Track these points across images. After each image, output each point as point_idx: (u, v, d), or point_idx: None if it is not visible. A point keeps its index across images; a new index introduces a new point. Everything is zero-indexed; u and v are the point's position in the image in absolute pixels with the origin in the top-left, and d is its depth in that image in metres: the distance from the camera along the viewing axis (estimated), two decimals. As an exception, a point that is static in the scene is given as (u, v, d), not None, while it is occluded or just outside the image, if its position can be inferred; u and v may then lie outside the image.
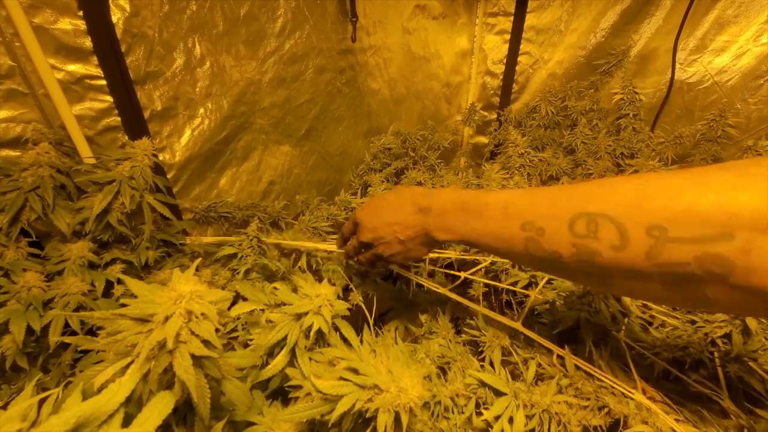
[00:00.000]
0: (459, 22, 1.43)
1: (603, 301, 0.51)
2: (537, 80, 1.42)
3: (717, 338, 0.51)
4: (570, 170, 1.19)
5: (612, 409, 0.43)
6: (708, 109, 1.09)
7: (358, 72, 1.22)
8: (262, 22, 0.98)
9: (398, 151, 1.35)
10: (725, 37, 1.03)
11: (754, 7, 0.97)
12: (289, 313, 0.41)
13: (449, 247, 1.00)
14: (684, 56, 1.10)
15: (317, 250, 0.81)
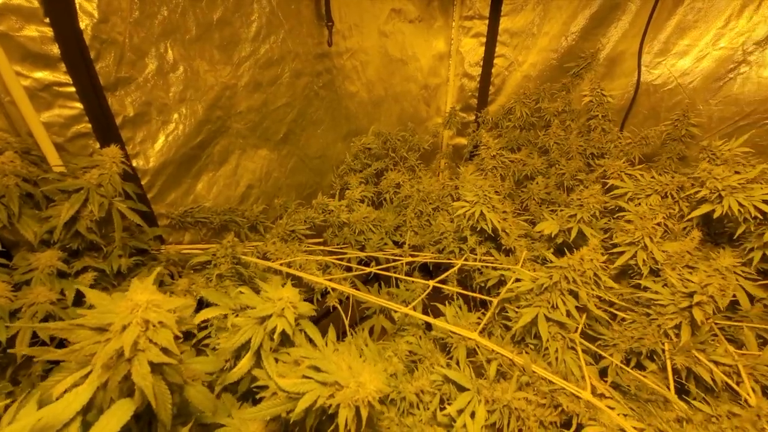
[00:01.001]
0: (435, 25, 1.46)
1: (561, 299, 0.53)
2: (512, 82, 1.45)
3: (669, 329, 0.53)
4: (545, 170, 1.22)
5: (565, 408, 0.45)
6: (673, 109, 1.13)
7: (335, 75, 1.23)
8: (237, 27, 0.98)
9: (379, 151, 1.36)
10: (687, 41, 1.08)
11: (712, 12, 1.02)
12: (253, 317, 0.42)
13: (425, 249, 1.02)
14: (649, 59, 1.14)
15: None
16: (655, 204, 0.74)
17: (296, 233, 0.96)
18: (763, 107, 1.02)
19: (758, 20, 0.98)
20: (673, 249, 0.60)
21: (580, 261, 0.51)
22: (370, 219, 1.05)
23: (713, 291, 0.49)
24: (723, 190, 0.60)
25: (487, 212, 0.74)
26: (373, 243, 1.02)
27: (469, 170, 1.12)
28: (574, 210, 0.73)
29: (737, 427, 0.39)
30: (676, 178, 0.77)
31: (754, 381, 0.56)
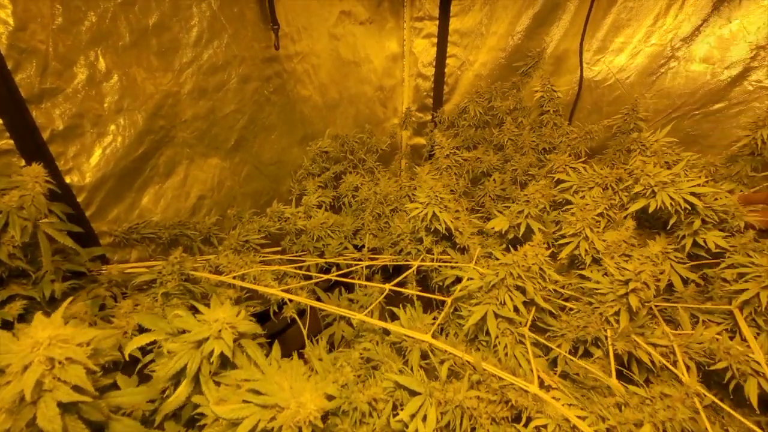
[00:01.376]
0: (387, 26, 1.46)
1: (508, 295, 0.54)
2: (465, 81, 1.48)
3: (609, 316, 0.56)
4: (500, 166, 1.25)
5: (514, 402, 0.45)
6: (613, 104, 1.19)
7: (286, 80, 1.21)
8: (175, 32, 0.94)
9: (337, 154, 1.34)
10: (621, 38, 1.13)
11: (642, 11, 1.08)
12: (189, 341, 0.40)
13: (384, 252, 1.02)
14: (589, 56, 1.19)
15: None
16: (597, 196, 0.77)
17: (250, 243, 0.93)
18: (692, 99, 1.09)
19: (683, 18, 1.05)
20: (611, 238, 0.63)
21: (523, 257, 0.52)
22: (328, 224, 1.03)
23: (646, 278, 0.51)
24: (655, 185, 0.63)
25: (439, 213, 0.75)
26: (332, 249, 1.01)
27: (425, 170, 1.13)
28: (521, 206, 0.75)
29: (669, 406, 0.41)
30: (614, 171, 0.81)
31: (688, 358, 0.60)
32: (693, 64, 1.07)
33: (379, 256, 1.00)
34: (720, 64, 1.03)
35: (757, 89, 1.01)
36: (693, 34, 1.05)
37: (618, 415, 0.42)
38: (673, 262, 0.68)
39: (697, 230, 0.66)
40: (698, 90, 1.07)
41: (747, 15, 0.98)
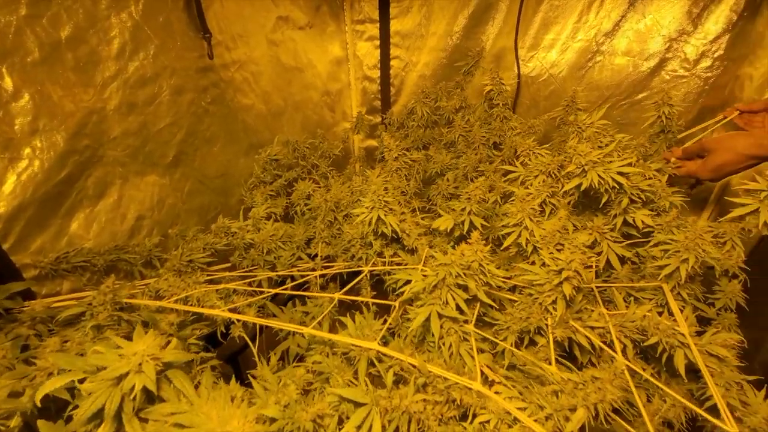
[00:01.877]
0: (328, 30, 1.45)
1: (450, 294, 0.54)
2: (410, 82, 1.49)
3: (548, 305, 0.58)
4: (452, 164, 1.26)
5: (459, 401, 0.46)
6: (549, 98, 1.25)
7: (224, 89, 1.16)
8: (94, 45, 0.88)
9: (289, 161, 1.31)
10: (551, 35, 1.19)
11: (567, 9, 1.14)
12: (107, 378, 0.37)
13: (338, 259, 1.00)
14: (523, 53, 1.24)
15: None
16: (539, 184, 0.79)
17: (195, 263, 0.88)
18: (618, 90, 1.16)
19: (603, 15, 1.11)
20: (549, 227, 0.65)
21: (461, 255, 0.53)
22: (279, 236, 1.00)
23: (577, 266, 0.53)
24: (586, 165, 0.66)
25: (384, 216, 0.75)
26: (284, 260, 0.98)
27: (376, 173, 1.13)
28: (463, 203, 0.76)
29: (599, 388, 0.42)
30: (556, 158, 0.84)
31: (624, 337, 0.63)
32: (616, 57, 1.14)
33: (333, 263, 0.99)
34: (639, 56, 1.11)
35: (674, 78, 1.09)
36: (614, 30, 1.11)
37: (554, 402, 0.43)
38: (610, 241, 0.72)
39: (626, 209, 0.70)
40: (623, 81, 1.14)
41: (659, 10, 1.06)
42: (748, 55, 1.02)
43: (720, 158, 0.77)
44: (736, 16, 0.99)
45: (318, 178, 1.33)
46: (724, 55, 1.03)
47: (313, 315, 0.79)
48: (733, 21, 0.99)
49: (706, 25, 1.02)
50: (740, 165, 0.75)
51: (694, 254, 0.58)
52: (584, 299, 0.64)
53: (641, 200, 0.69)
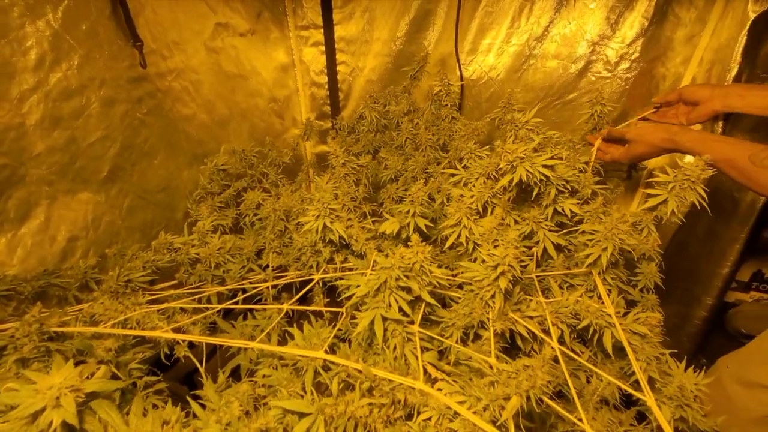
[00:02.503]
0: (272, 36, 1.43)
1: (393, 297, 0.56)
2: (358, 87, 1.51)
3: (488, 300, 0.60)
4: (403, 167, 1.28)
5: (403, 401, 0.47)
6: (490, 100, 1.30)
7: (161, 99, 1.11)
8: (7, 56, 0.81)
9: (238, 170, 1.28)
10: (488, 40, 1.24)
11: (500, 15, 1.20)
12: (21, 417, 0.34)
13: (290, 268, 0.99)
14: (464, 58, 1.28)
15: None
16: (481, 185, 0.82)
17: (134, 283, 0.84)
18: (551, 91, 1.23)
19: (533, 21, 1.18)
20: (487, 224, 0.68)
21: (401, 258, 0.54)
22: (227, 248, 0.98)
23: (510, 260, 0.56)
24: (514, 161, 0.69)
25: (330, 224, 0.75)
26: (233, 274, 0.96)
27: (325, 180, 1.12)
28: (407, 206, 0.78)
29: (530, 375, 0.45)
30: (494, 160, 0.87)
31: (560, 322, 0.67)
32: (548, 60, 1.21)
33: (285, 273, 0.98)
34: (568, 59, 1.19)
35: (599, 79, 1.18)
36: (543, 35, 1.19)
37: (491, 393, 0.45)
38: (546, 231, 0.77)
39: (555, 199, 0.75)
40: (555, 83, 1.22)
41: (582, 16, 1.14)
42: (661, 57, 1.13)
43: (639, 149, 0.86)
44: (647, 22, 1.08)
45: (269, 187, 1.31)
46: (640, 57, 1.12)
47: (262, 328, 0.77)
48: (644, 26, 1.09)
49: (623, 30, 1.11)
50: (655, 155, 0.84)
51: (612, 243, 0.64)
52: (522, 291, 0.67)
53: (568, 190, 0.75)
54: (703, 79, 1.08)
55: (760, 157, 0.63)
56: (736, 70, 0.98)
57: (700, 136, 0.78)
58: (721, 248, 1.19)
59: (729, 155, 0.68)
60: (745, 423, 0.92)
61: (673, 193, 0.65)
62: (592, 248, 0.66)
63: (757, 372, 0.91)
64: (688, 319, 1.29)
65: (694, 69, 1.09)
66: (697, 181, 0.62)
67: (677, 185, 0.63)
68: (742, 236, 1.16)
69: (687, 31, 1.08)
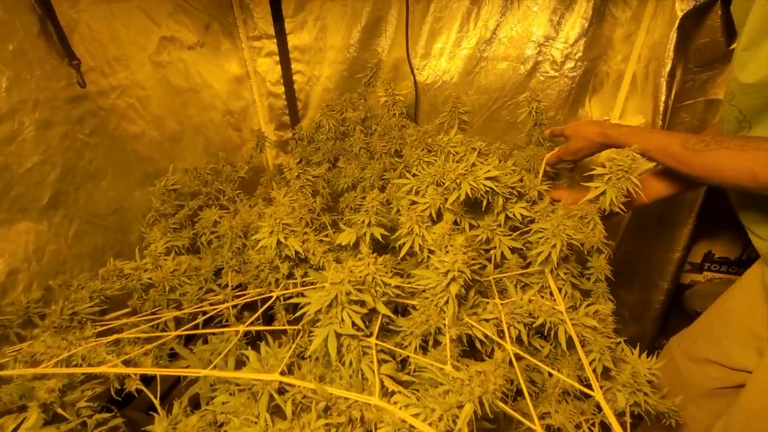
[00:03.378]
0: (223, 48, 1.39)
1: (345, 312, 0.55)
2: (315, 96, 1.49)
3: (443, 306, 0.61)
4: (361, 176, 1.28)
5: (359, 418, 0.46)
6: (445, 103, 1.32)
7: (104, 118, 1.06)
8: None
9: (192, 188, 1.24)
10: (440, 44, 1.26)
11: (449, 20, 1.22)
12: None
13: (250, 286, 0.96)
14: (417, 62, 1.30)
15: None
16: (433, 193, 0.83)
17: (80, 315, 0.79)
18: (503, 92, 1.26)
19: (481, 24, 1.21)
20: (438, 231, 0.69)
21: (350, 272, 0.54)
22: (182, 270, 0.94)
23: (460, 266, 0.57)
24: (457, 179, 0.70)
25: (284, 239, 0.73)
26: (191, 296, 0.92)
27: (282, 193, 1.10)
28: (363, 216, 0.77)
29: (483, 381, 0.45)
30: (439, 169, 0.87)
31: (517, 322, 0.68)
32: (498, 62, 1.24)
33: (245, 292, 0.95)
34: (517, 60, 1.22)
35: (547, 79, 1.22)
36: (492, 37, 1.22)
37: (444, 402, 0.45)
38: (500, 236, 0.78)
39: (504, 206, 0.77)
40: (506, 84, 1.25)
41: (527, 18, 1.18)
42: (602, 55, 1.18)
43: (577, 144, 0.88)
44: (587, 23, 1.13)
45: (226, 203, 1.28)
46: (583, 56, 1.17)
47: (220, 351, 0.75)
48: (585, 27, 1.13)
49: (566, 31, 1.16)
50: (593, 149, 0.86)
51: (560, 239, 0.65)
52: (478, 294, 0.68)
53: (515, 195, 0.76)
54: (642, 75, 1.14)
55: (692, 142, 0.65)
56: (670, 66, 1.03)
57: (631, 128, 0.79)
58: (671, 234, 1.25)
59: (661, 143, 0.69)
60: (699, 398, 0.97)
61: (611, 184, 0.68)
62: (542, 246, 0.68)
63: (704, 347, 0.95)
64: (648, 305, 1.35)
65: (633, 65, 1.14)
66: (630, 170, 0.65)
67: (613, 176, 0.66)
68: (689, 221, 1.23)
69: (624, 30, 1.13)
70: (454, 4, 1.19)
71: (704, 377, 0.95)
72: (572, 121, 1.25)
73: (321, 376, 0.57)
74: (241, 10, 1.39)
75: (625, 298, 1.38)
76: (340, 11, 1.30)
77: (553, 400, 0.71)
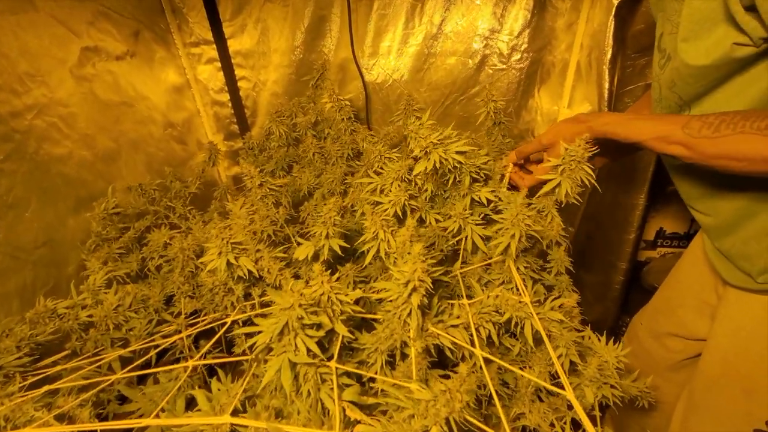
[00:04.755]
0: (156, 57, 1.30)
1: (300, 338, 0.50)
2: (264, 102, 1.43)
3: (407, 319, 0.57)
4: (318, 183, 1.23)
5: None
6: (398, 102, 1.30)
7: (21, 141, 0.95)
8: None
9: (138, 208, 1.14)
10: (386, 42, 1.23)
11: (394, 17, 1.19)
12: None
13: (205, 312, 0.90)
14: (366, 61, 1.26)
15: None
16: (397, 189, 0.79)
17: (5, 369, 0.70)
18: (454, 87, 1.25)
19: (426, 20, 1.19)
20: (402, 236, 0.66)
21: (300, 295, 0.49)
22: (127, 303, 0.86)
23: (420, 275, 0.54)
24: (427, 146, 0.68)
25: (234, 260, 0.68)
26: (138, 331, 0.84)
27: (239, 205, 1.03)
28: (320, 227, 0.73)
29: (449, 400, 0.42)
30: (406, 161, 0.85)
31: (486, 322, 0.66)
32: (447, 58, 1.23)
33: (200, 319, 0.88)
34: (465, 55, 1.21)
35: (495, 72, 1.22)
36: (438, 33, 1.20)
37: (409, 428, 0.42)
38: (472, 225, 0.76)
39: (471, 187, 0.76)
40: (456, 79, 1.24)
41: (471, 12, 1.17)
42: (547, 46, 1.19)
43: (561, 150, 0.74)
44: (529, 14, 1.14)
45: (178, 221, 1.19)
46: (529, 48, 1.18)
47: (168, 391, 0.68)
48: (528, 18, 1.14)
49: (510, 23, 1.16)
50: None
51: (519, 229, 0.64)
52: (443, 301, 0.66)
53: (482, 178, 0.76)
54: (585, 63, 1.16)
55: (696, 127, 0.58)
56: (611, 53, 1.06)
57: (616, 117, 0.68)
58: (625, 217, 1.29)
59: (660, 131, 0.61)
60: (665, 372, 1.00)
61: (565, 175, 0.67)
62: (501, 237, 0.66)
63: (662, 322, 0.98)
64: (609, 285, 1.39)
65: (577, 54, 1.17)
66: (582, 160, 0.64)
67: (566, 167, 0.66)
68: (641, 202, 1.27)
69: (565, 20, 1.14)
70: (398, 1, 1.17)
71: (667, 351, 0.98)
72: (524, 113, 1.26)
73: (279, 409, 0.53)
74: (174, 15, 1.30)
75: (587, 281, 1.42)
76: (281, 12, 1.24)
77: (527, 400, 0.71)
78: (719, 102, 0.63)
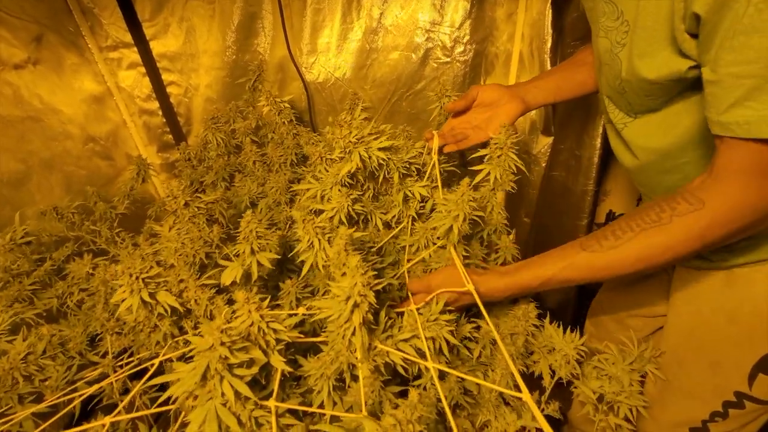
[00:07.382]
0: (67, 64, 1.16)
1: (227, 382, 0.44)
2: (198, 108, 1.32)
3: (351, 338, 0.52)
4: (262, 192, 1.15)
5: None
6: (343, 101, 1.24)
7: None
8: None
9: (55, 235, 1.01)
10: (325, 39, 1.17)
11: (330, 11, 1.13)
12: None
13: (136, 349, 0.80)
14: (305, 60, 1.19)
15: None
16: (338, 194, 0.74)
17: None
18: (400, 83, 1.21)
19: (365, 13, 1.14)
20: (337, 245, 0.60)
21: (221, 333, 0.43)
22: (40, 350, 0.75)
23: (360, 288, 0.48)
24: (346, 146, 0.65)
25: (148, 297, 0.60)
26: (55, 381, 0.73)
27: (167, 226, 0.93)
28: (243, 245, 0.66)
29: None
30: (348, 163, 0.79)
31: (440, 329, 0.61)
32: (390, 53, 1.18)
33: (131, 359, 0.78)
34: (408, 49, 1.17)
35: (440, 65, 1.19)
36: (378, 27, 1.15)
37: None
38: (414, 215, 0.74)
39: (402, 183, 0.73)
40: (401, 75, 1.20)
41: (409, 4, 1.13)
42: (489, 37, 1.17)
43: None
44: (469, 5, 1.11)
45: (106, 246, 1.07)
46: (471, 39, 1.15)
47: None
48: (468, 9, 1.11)
49: (450, 15, 1.13)
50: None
51: (462, 211, 0.61)
52: (391, 315, 0.61)
53: (414, 172, 0.73)
54: (528, 53, 1.15)
55: (592, 242, 0.56)
56: (551, 42, 1.05)
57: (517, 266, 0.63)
58: (577, 203, 1.30)
59: (557, 265, 0.59)
60: (628, 351, 1.01)
61: (495, 163, 0.66)
62: (444, 219, 0.63)
63: (619, 304, 1.00)
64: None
65: (518, 44, 1.15)
66: (505, 147, 0.63)
67: (494, 155, 0.65)
68: (590, 188, 1.29)
69: (505, 10, 1.13)
70: (333, -6, 1.10)
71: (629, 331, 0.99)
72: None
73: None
74: (84, 16, 1.16)
75: (546, 269, 1.43)
76: (207, 10, 1.14)
77: (491, 407, 0.67)
78: (660, 119, 0.62)
